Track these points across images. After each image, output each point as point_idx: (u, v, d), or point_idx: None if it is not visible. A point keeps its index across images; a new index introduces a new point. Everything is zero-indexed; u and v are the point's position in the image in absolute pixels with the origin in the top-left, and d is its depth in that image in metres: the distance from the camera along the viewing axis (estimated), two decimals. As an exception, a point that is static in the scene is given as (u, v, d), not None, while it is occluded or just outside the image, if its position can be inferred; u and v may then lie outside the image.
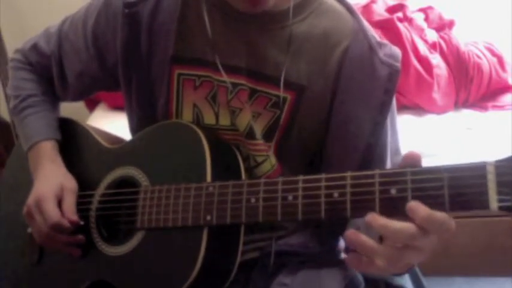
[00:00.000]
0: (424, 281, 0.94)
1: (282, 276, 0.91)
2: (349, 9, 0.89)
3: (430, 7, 2.42)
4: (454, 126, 2.07)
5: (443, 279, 1.91)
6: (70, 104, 1.12)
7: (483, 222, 1.83)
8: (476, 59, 2.25)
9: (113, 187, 0.91)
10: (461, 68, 2.23)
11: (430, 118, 2.17)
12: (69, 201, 0.91)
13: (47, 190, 0.91)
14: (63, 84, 1.02)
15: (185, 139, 0.84)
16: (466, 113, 2.20)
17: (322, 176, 0.68)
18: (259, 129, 0.88)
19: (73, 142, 1.02)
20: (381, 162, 0.88)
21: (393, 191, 0.62)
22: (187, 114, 0.90)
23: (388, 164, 0.89)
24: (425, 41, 2.26)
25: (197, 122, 0.89)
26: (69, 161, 0.98)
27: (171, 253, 0.80)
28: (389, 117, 0.86)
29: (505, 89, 2.28)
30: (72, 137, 1.02)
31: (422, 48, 2.20)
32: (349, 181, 0.66)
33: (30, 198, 0.92)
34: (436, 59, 2.21)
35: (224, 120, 0.89)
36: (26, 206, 0.92)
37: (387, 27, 2.20)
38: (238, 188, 0.75)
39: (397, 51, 0.85)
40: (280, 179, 0.72)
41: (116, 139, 1.03)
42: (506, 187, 0.56)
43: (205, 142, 0.81)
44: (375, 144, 0.86)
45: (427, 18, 2.39)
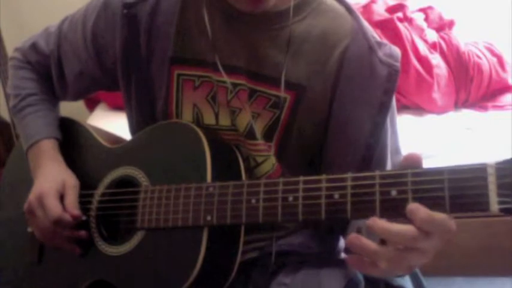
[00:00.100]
0: (424, 281, 0.94)
1: (282, 276, 0.91)
2: (349, 9, 0.89)
3: (430, 7, 2.42)
4: (454, 126, 2.07)
5: (443, 279, 1.90)
6: (70, 103, 1.12)
7: (483, 222, 1.83)
8: (476, 59, 2.25)
9: (113, 187, 0.91)
10: (461, 68, 2.23)
11: (430, 118, 2.17)
12: (71, 196, 0.91)
13: (48, 186, 0.91)
14: (62, 84, 1.02)
15: (185, 139, 0.84)
16: (466, 113, 2.20)
17: (323, 177, 0.68)
18: (259, 130, 0.88)
19: (73, 141, 1.02)
20: (381, 162, 0.88)
21: (394, 192, 0.63)
22: (187, 115, 0.90)
23: (389, 164, 0.89)
24: (425, 41, 2.26)
25: (197, 122, 0.89)
26: (69, 161, 0.98)
27: (171, 253, 0.80)
28: (389, 117, 0.86)
29: (505, 89, 2.28)
30: (72, 137, 1.02)
31: (422, 48, 2.20)
32: (349, 182, 0.66)
33: (31, 195, 0.91)
34: (436, 59, 2.21)
35: (224, 120, 0.89)
36: (27, 202, 0.91)
37: (387, 27, 2.20)
38: (238, 188, 0.75)
39: (396, 51, 0.85)
40: (280, 179, 0.72)
41: (116, 139, 1.02)
42: (507, 189, 0.56)
43: (206, 142, 0.81)
44: (375, 145, 0.86)
45: (427, 18, 2.39)
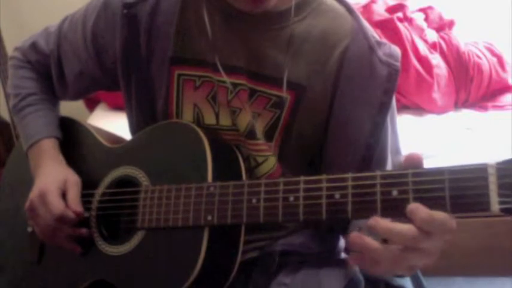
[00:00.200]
0: (424, 281, 0.94)
1: (282, 276, 0.91)
2: (349, 9, 0.88)
3: (430, 7, 2.42)
4: (454, 126, 2.07)
5: (443, 279, 1.90)
6: (70, 103, 1.12)
7: (483, 222, 1.83)
8: (476, 59, 2.25)
9: (113, 186, 0.91)
10: (461, 68, 2.23)
11: (430, 118, 2.17)
12: (73, 193, 0.91)
13: (50, 183, 0.91)
14: (62, 84, 1.02)
15: (186, 139, 0.84)
16: (466, 113, 2.20)
17: (324, 177, 0.68)
18: (259, 129, 0.88)
19: (74, 141, 1.02)
20: (381, 162, 0.88)
21: (394, 192, 0.63)
22: (188, 115, 0.90)
23: (389, 164, 0.89)
24: (425, 41, 2.26)
25: (198, 122, 0.89)
26: (69, 160, 0.97)
27: (171, 253, 0.80)
28: (389, 117, 0.86)
29: (505, 89, 2.28)
30: (72, 136, 1.02)
31: (422, 48, 2.21)
32: (350, 182, 0.66)
33: (33, 193, 0.91)
34: (436, 59, 2.21)
35: (224, 120, 0.89)
36: (28, 200, 0.91)
37: (387, 27, 2.20)
38: (239, 188, 0.75)
39: (396, 50, 0.85)
40: (281, 179, 0.71)
41: (117, 138, 1.02)
42: (507, 189, 0.56)
43: (206, 142, 0.81)
44: (375, 145, 0.86)
45: (427, 18, 2.39)
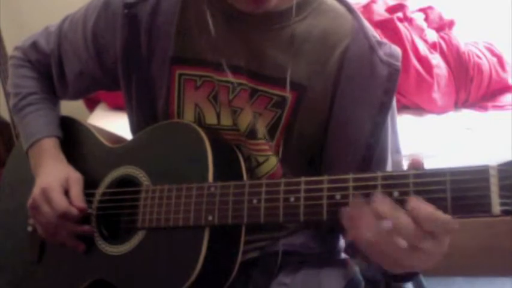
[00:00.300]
0: (424, 281, 0.94)
1: (282, 276, 0.91)
2: (349, 8, 0.88)
3: (430, 7, 2.43)
4: (454, 126, 2.07)
5: (443, 279, 1.90)
6: (70, 103, 1.11)
7: (483, 222, 1.83)
8: (476, 59, 2.25)
9: (113, 186, 0.91)
10: (461, 68, 2.23)
11: (430, 118, 2.17)
12: (76, 189, 0.91)
13: (52, 180, 0.91)
14: (63, 83, 1.02)
15: (187, 139, 0.84)
16: (466, 113, 2.20)
17: (325, 177, 0.68)
18: (260, 129, 0.88)
19: (74, 140, 1.02)
20: (381, 162, 0.88)
21: (395, 193, 0.62)
22: (189, 115, 0.90)
23: (389, 164, 0.89)
24: (425, 41, 2.26)
25: (199, 122, 0.89)
26: (70, 160, 0.97)
27: (171, 253, 0.79)
28: (389, 117, 0.86)
29: (505, 89, 2.29)
30: (73, 136, 1.02)
31: (422, 48, 2.21)
32: (351, 183, 0.65)
33: (35, 190, 0.91)
34: (436, 59, 2.21)
35: (226, 120, 0.89)
36: (31, 198, 0.91)
37: (387, 27, 2.20)
38: (240, 188, 0.75)
39: (397, 50, 0.85)
40: (282, 180, 0.71)
41: (117, 138, 1.02)
42: (509, 191, 0.56)
43: (207, 142, 0.81)
44: (375, 144, 0.86)
45: (427, 18, 2.39)
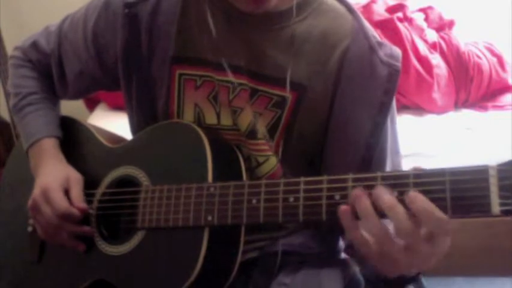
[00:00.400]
0: (424, 281, 0.94)
1: (282, 276, 0.91)
2: (350, 9, 0.88)
3: (430, 7, 2.43)
4: (454, 126, 2.07)
5: (443, 279, 1.91)
6: (70, 103, 1.11)
7: (483, 222, 1.83)
8: (476, 59, 2.25)
9: (113, 186, 0.91)
10: (461, 68, 2.23)
11: (430, 118, 2.17)
12: (77, 190, 0.91)
13: (52, 180, 0.91)
14: (63, 83, 1.02)
15: (186, 139, 0.84)
16: (466, 113, 2.20)
17: (324, 177, 0.68)
18: (260, 129, 0.87)
19: (74, 140, 1.01)
20: (380, 163, 0.88)
21: (395, 193, 0.62)
22: (189, 114, 0.90)
23: (388, 165, 0.89)
24: (425, 41, 2.26)
25: (198, 122, 0.89)
26: (69, 160, 0.97)
27: (171, 253, 0.79)
28: (389, 118, 0.86)
29: (505, 89, 2.29)
30: (73, 136, 1.02)
31: (422, 48, 2.21)
32: (350, 183, 0.65)
33: (35, 191, 0.91)
34: (436, 59, 2.21)
35: (225, 120, 0.89)
36: (31, 199, 0.91)
37: (387, 27, 2.20)
38: (239, 188, 0.75)
39: (397, 51, 0.85)
40: (281, 180, 0.71)
41: (117, 138, 1.02)
42: (508, 191, 0.56)
43: (207, 142, 0.81)
44: (375, 145, 0.86)
45: (427, 18, 2.39)
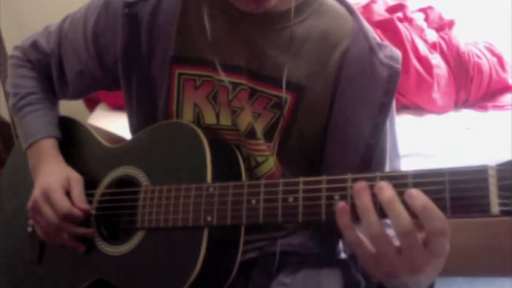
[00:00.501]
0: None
1: (282, 276, 0.91)
2: (350, 9, 0.88)
3: (430, 7, 2.43)
4: (454, 126, 2.07)
5: (443, 279, 1.90)
6: (70, 103, 1.11)
7: (483, 222, 1.83)
8: (476, 59, 2.25)
9: (113, 186, 0.91)
10: (461, 68, 2.23)
11: (430, 118, 2.17)
12: (78, 190, 0.90)
13: (53, 181, 0.90)
14: (63, 83, 1.02)
15: (185, 139, 0.84)
16: (466, 113, 2.20)
17: (323, 177, 0.68)
18: (259, 130, 0.88)
19: (73, 141, 1.01)
20: (380, 164, 0.88)
21: None
22: (188, 114, 0.90)
23: (388, 166, 0.89)
24: (425, 41, 2.26)
25: (198, 122, 0.89)
26: (69, 160, 0.97)
27: (171, 253, 0.79)
28: (388, 120, 0.86)
29: (505, 89, 2.29)
30: (72, 136, 1.02)
31: (422, 48, 2.21)
32: (349, 183, 0.65)
33: (35, 191, 0.91)
34: (436, 59, 2.21)
35: (225, 120, 0.89)
36: (31, 200, 0.90)
37: (387, 27, 2.20)
38: (238, 189, 0.74)
39: (397, 52, 0.85)
40: (280, 180, 0.71)
41: (117, 138, 1.02)
42: (507, 191, 0.56)
43: (206, 142, 0.81)
44: (374, 146, 0.86)
45: (427, 18, 2.39)
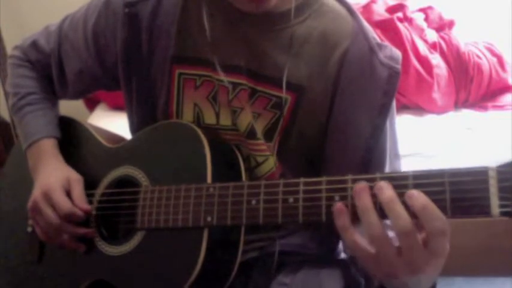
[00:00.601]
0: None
1: (282, 276, 0.91)
2: (350, 10, 0.88)
3: (430, 7, 2.43)
4: (454, 126, 2.08)
5: (443, 279, 1.90)
6: (70, 103, 1.11)
7: (483, 222, 1.83)
8: (476, 59, 2.25)
9: (112, 187, 0.91)
10: (461, 68, 2.23)
11: (430, 118, 2.17)
12: (78, 190, 0.90)
13: (53, 181, 0.90)
14: (63, 83, 1.02)
15: (185, 139, 0.84)
16: (466, 113, 2.20)
17: (323, 178, 0.68)
18: (259, 130, 0.87)
19: (73, 141, 1.01)
20: (380, 164, 0.88)
21: None
22: (188, 114, 0.89)
23: (388, 166, 0.89)
24: (425, 41, 2.26)
25: (198, 121, 0.89)
26: (68, 160, 0.97)
27: (171, 253, 0.79)
28: (388, 121, 0.86)
29: (505, 89, 2.29)
30: (72, 136, 1.02)
31: (422, 48, 2.21)
32: (350, 184, 0.65)
33: (35, 192, 0.91)
34: (436, 59, 2.21)
35: (225, 120, 0.89)
36: (31, 200, 0.90)
37: (387, 27, 2.20)
38: (238, 189, 0.74)
39: (397, 53, 0.84)
40: (281, 181, 0.71)
41: (116, 138, 1.02)
42: (508, 192, 0.56)
43: (206, 142, 0.81)
44: (374, 147, 0.85)
45: (427, 18, 2.39)
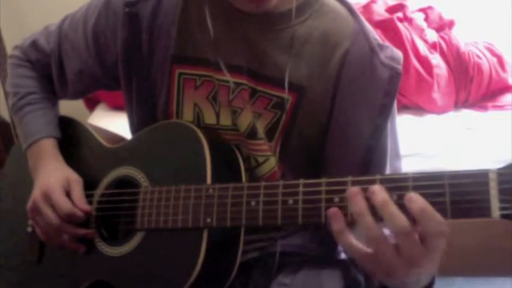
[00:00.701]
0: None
1: (282, 276, 0.91)
2: (351, 10, 0.88)
3: (430, 7, 2.42)
4: (454, 126, 2.07)
5: (443, 279, 1.90)
6: (70, 103, 1.11)
7: (483, 222, 1.83)
8: (476, 59, 2.25)
9: (112, 187, 0.91)
10: (461, 68, 2.23)
11: (430, 118, 2.17)
12: (78, 191, 0.90)
13: (53, 182, 0.90)
14: (63, 82, 1.02)
15: (185, 140, 0.84)
16: (466, 113, 2.20)
17: (323, 180, 0.68)
18: (260, 130, 0.87)
19: (73, 141, 1.01)
20: (380, 165, 0.87)
21: (394, 196, 0.62)
22: (188, 114, 0.89)
23: (388, 168, 0.88)
24: (425, 41, 2.26)
25: (198, 121, 0.89)
26: (68, 160, 0.97)
27: (171, 254, 0.79)
28: (389, 121, 0.85)
29: (505, 89, 2.29)
30: (72, 136, 1.02)
31: (422, 48, 2.20)
32: (349, 186, 0.65)
33: (35, 192, 0.90)
34: (436, 59, 2.21)
35: (225, 120, 0.88)
36: (31, 201, 0.90)
37: (387, 27, 2.20)
38: (238, 190, 0.74)
39: (398, 53, 0.84)
40: (280, 182, 0.71)
41: (116, 138, 1.02)
42: (508, 195, 0.56)
43: (205, 143, 0.81)
44: (375, 147, 0.85)
45: (427, 18, 2.39)
